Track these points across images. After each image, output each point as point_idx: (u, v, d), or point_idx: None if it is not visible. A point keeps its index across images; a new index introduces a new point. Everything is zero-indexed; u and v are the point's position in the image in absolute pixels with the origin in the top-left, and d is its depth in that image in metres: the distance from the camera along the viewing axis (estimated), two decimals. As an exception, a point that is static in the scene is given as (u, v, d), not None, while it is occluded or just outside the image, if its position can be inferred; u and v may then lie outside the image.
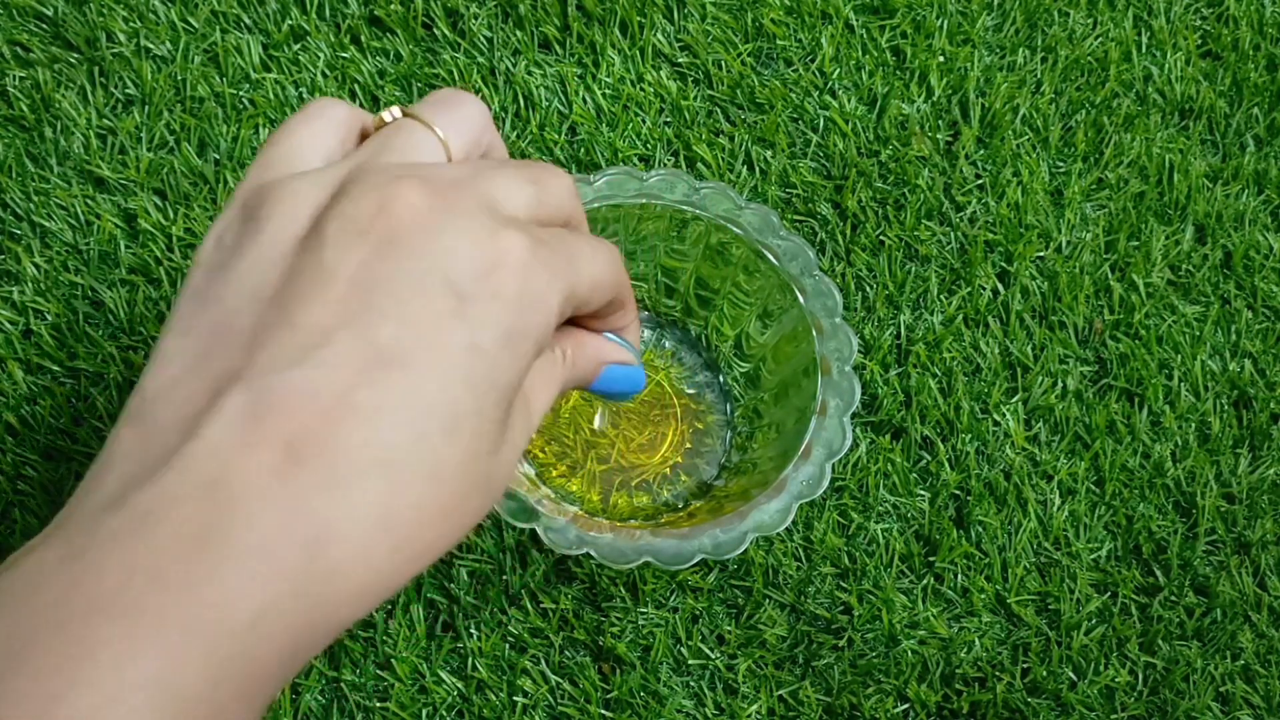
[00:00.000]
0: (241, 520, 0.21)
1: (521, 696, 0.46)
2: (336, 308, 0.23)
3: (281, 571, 0.21)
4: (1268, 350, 0.56)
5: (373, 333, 0.23)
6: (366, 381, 0.22)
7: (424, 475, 0.23)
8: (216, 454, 0.21)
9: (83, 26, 0.56)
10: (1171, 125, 0.61)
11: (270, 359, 0.22)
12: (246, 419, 0.21)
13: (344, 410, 0.22)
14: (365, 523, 0.22)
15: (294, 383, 0.22)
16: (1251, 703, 0.49)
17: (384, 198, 0.24)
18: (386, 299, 0.23)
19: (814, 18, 0.60)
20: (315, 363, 0.22)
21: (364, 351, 0.22)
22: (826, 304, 0.44)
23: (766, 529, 0.40)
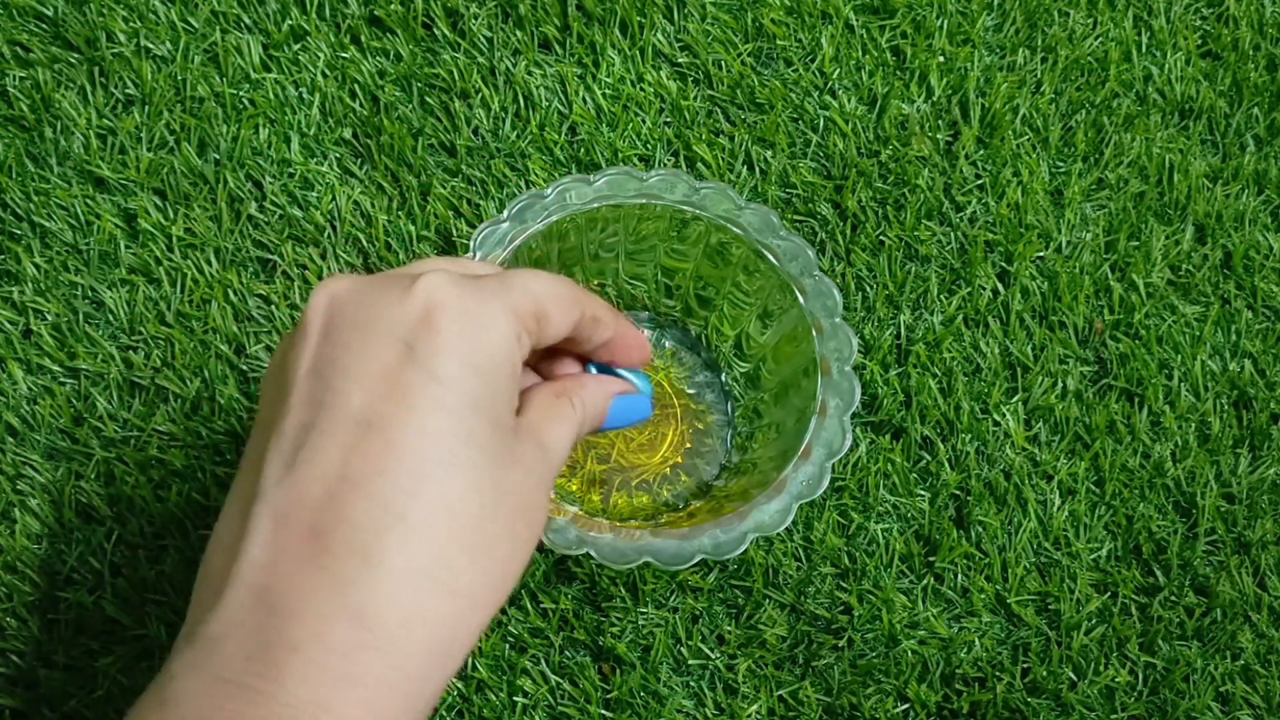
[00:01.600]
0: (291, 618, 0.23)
1: (521, 696, 0.46)
2: (306, 403, 0.25)
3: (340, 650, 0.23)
4: (1268, 350, 0.56)
5: (344, 410, 0.24)
6: (354, 453, 0.24)
7: (439, 513, 0.24)
8: (256, 566, 0.23)
9: (83, 26, 0.56)
10: (1171, 125, 0.61)
11: (274, 471, 0.24)
12: (273, 528, 0.24)
13: (345, 487, 0.24)
14: (401, 579, 0.23)
15: (296, 482, 0.24)
16: (1251, 703, 0.49)
17: (313, 303, 0.26)
18: (343, 375, 0.25)
19: (814, 18, 0.60)
20: (306, 457, 0.24)
21: (342, 428, 0.24)
22: (826, 304, 0.44)
23: (766, 529, 0.40)
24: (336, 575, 0.23)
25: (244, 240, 0.53)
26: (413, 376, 0.25)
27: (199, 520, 0.48)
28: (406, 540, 0.24)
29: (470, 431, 0.25)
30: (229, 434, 0.50)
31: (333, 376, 0.25)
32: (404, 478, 0.24)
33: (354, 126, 0.56)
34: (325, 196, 0.54)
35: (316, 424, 0.24)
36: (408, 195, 0.54)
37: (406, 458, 0.24)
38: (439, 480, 0.24)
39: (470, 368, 0.25)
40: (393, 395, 0.24)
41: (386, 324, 0.25)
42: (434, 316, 0.25)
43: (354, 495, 0.24)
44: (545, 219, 0.43)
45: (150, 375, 0.50)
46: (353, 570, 0.23)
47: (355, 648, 0.23)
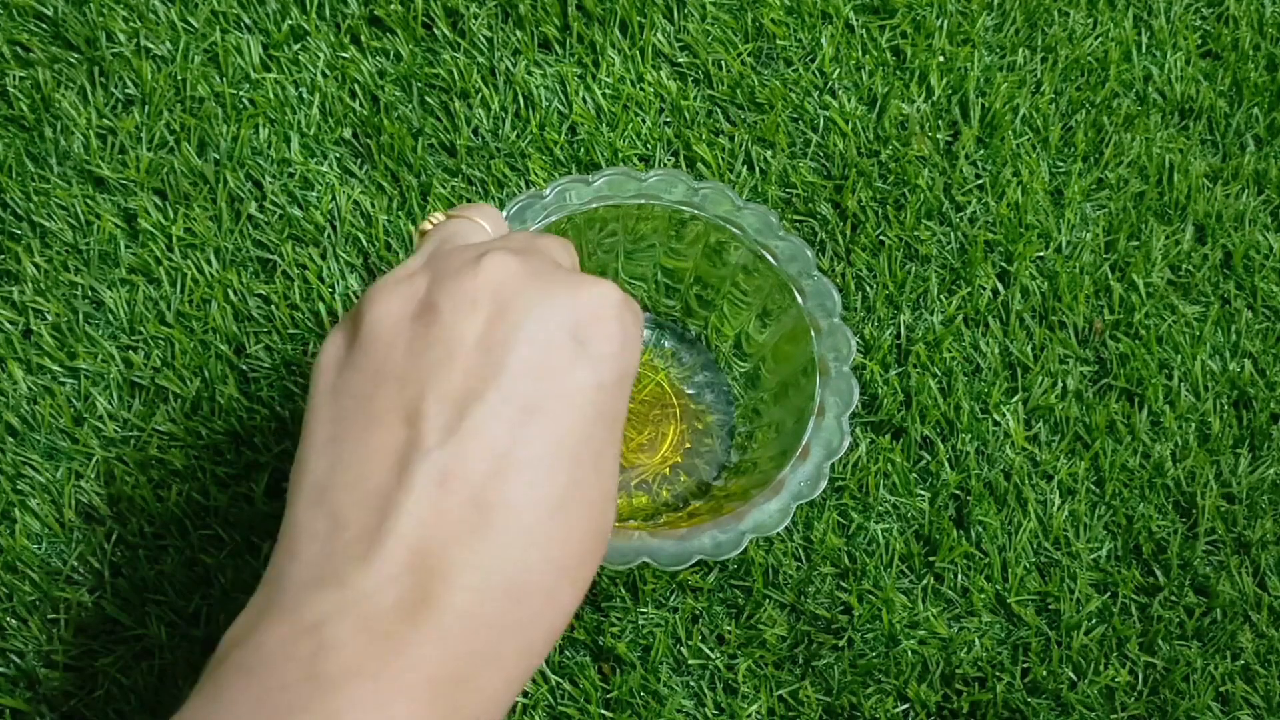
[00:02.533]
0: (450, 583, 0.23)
1: (521, 696, 0.46)
2: (474, 373, 0.25)
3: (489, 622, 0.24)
4: (1268, 350, 0.56)
5: (511, 389, 0.25)
6: (518, 436, 0.25)
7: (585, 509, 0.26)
8: (416, 524, 0.24)
9: (83, 26, 0.56)
10: (1171, 125, 0.60)
11: (436, 432, 0.25)
12: (435, 489, 0.24)
13: (509, 465, 0.25)
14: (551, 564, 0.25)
15: (464, 450, 0.25)
16: (1251, 703, 0.49)
17: (481, 270, 0.27)
18: (515, 357, 0.26)
19: (814, 18, 0.60)
20: (473, 427, 0.25)
21: (509, 408, 0.25)
22: (825, 304, 0.44)
23: (765, 529, 0.40)
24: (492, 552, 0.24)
25: (244, 240, 0.53)
26: (581, 376, 0.26)
27: (199, 520, 0.48)
28: (555, 528, 0.25)
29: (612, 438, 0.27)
30: (229, 434, 0.50)
31: (505, 355, 0.26)
32: (559, 472, 0.25)
33: (354, 126, 0.56)
34: (325, 196, 0.54)
35: (485, 397, 0.25)
36: (408, 195, 0.54)
37: (563, 452, 0.25)
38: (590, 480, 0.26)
39: (624, 381, 0.27)
40: (559, 389, 0.26)
41: (560, 317, 0.26)
42: (605, 321, 0.27)
43: (518, 478, 0.25)
44: (544, 219, 0.43)
45: (150, 375, 0.50)
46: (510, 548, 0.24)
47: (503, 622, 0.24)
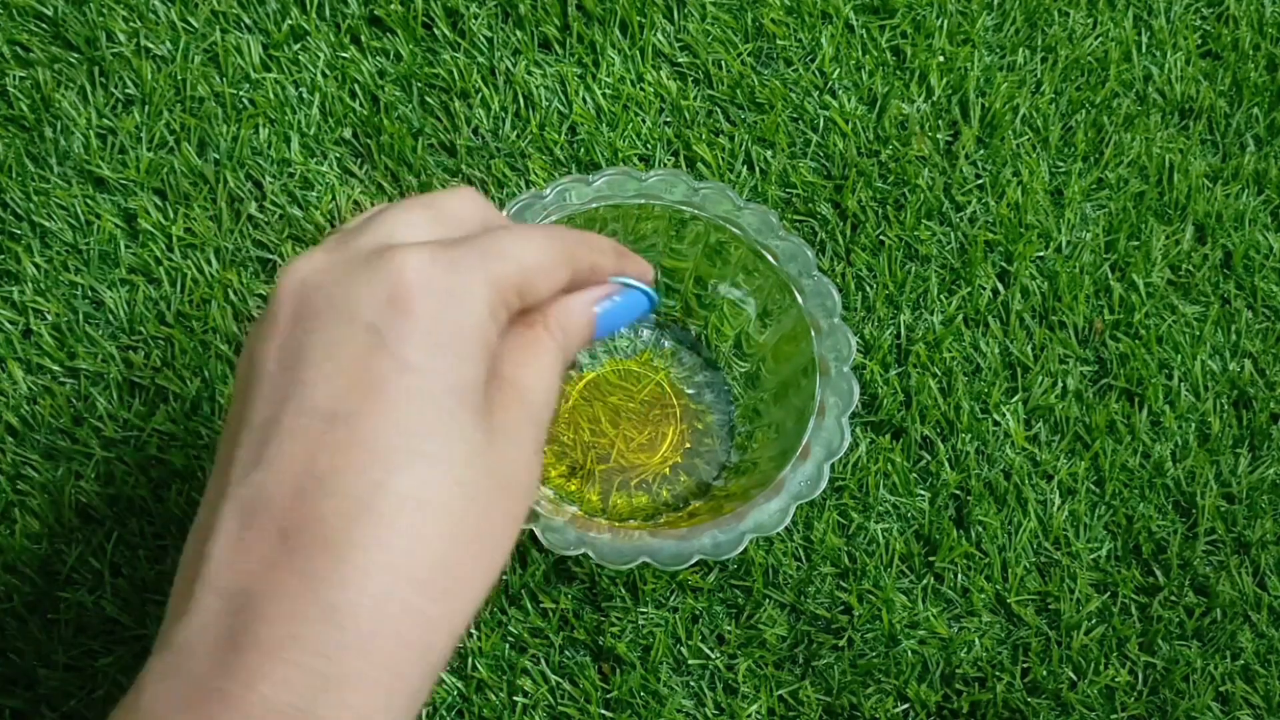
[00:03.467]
0: (260, 620, 0.22)
1: (521, 696, 0.46)
2: (273, 397, 0.24)
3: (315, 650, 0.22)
4: (1268, 350, 0.56)
5: (310, 403, 0.23)
6: (320, 448, 0.23)
7: (412, 505, 0.23)
8: (223, 567, 0.22)
9: (83, 26, 0.56)
10: (1171, 125, 0.61)
11: (241, 467, 0.24)
12: (238, 528, 0.23)
13: (312, 483, 0.23)
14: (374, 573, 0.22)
15: (263, 480, 0.23)
16: (1251, 703, 0.49)
17: (282, 285, 0.25)
18: (310, 365, 0.24)
19: (814, 18, 0.60)
20: (272, 454, 0.23)
21: (308, 422, 0.23)
22: (825, 304, 0.44)
23: (765, 529, 0.40)
24: (307, 573, 0.22)
25: (244, 240, 0.53)
26: (381, 365, 0.23)
27: (199, 520, 0.48)
28: (378, 533, 0.22)
29: (442, 418, 0.24)
30: (229, 434, 0.50)
31: (299, 368, 0.24)
32: (373, 469, 0.23)
33: (354, 126, 0.56)
34: (325, 196, 0.54)
35: (282, 420, 0.23)
36: (408, 195, 0.54)
37: (376, 450, 0.23)
38: (411, 471, 0.23)
39: (441, 351, 0.24)
40: (359, 386, 0.23)
41: (354, 308, 0.24)
42: (403, 299, 0.24)
43: (321, 491, 0.23)
44: (544, 219, 0.43)
45: (150, 375, 0.50)
46: (323, 567, 0.22)
47: (333, 648, 0.22)
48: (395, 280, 0.24)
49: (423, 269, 0.24)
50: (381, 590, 0.22)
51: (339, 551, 0.22)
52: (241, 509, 0.23)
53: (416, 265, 0.24)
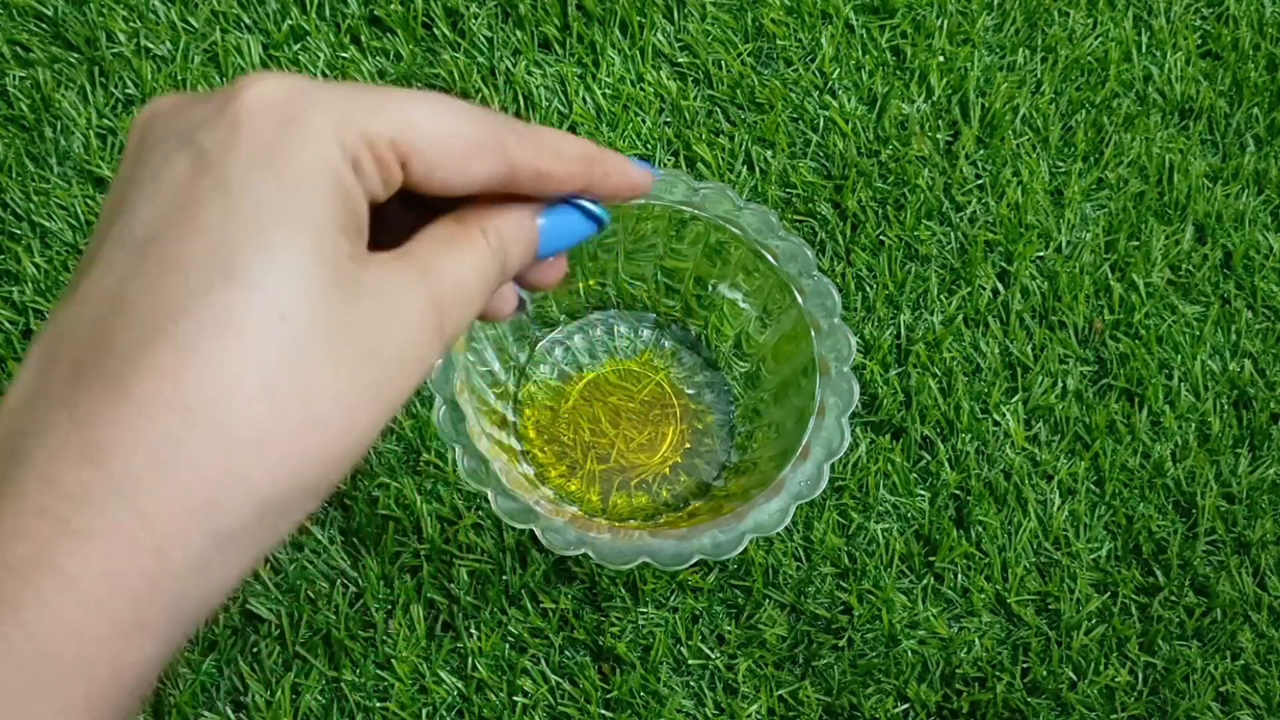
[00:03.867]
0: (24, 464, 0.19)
1: (521, 696, 0.46)
2: (99, 231, 0.22)
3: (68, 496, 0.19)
4: (1268, 350, 0.56)
5: (129, 228, 0.21)
6: (131, 273, 0.20)
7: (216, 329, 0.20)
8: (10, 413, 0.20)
9: (83, 26, 0.56)
10: (1171, 125, 0.60)
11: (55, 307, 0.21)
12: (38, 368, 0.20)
13: (112, 311, 0.20)
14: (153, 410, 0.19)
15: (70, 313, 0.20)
16: (1251, 703, 0.49)
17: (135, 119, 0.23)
18: (135, 190, 0.21)
19: (814, 18, 0.60)
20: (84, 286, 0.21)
21: (123, 250, 0.21)
22: (825, 304, 0.44)
23: (765, 529, 0.40)
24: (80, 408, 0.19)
25: (244, 240, 0.53)
26: (200, 183, 0.21)
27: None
28: (169, 364, 0.19)
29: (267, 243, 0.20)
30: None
31: (127, 196, 0.21)
32: (175, 291, 0.20)
33: (354, 126, 0.56)
34: (325, 196, 0.54)
35: (101, 250, 0.21)
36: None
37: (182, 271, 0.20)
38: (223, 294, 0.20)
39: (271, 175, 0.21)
40: (178, 207, 0.21)
41: (188, 131, 0.21)
42: (234, 116, 0.21)
43: (119, 319, 0.20)
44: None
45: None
46: (98, 401, 0.19)
47: (90, 492, 0.19)
48: (232, 100, 0.21)
49: (264, 91, 0.22)
50: (158, 432, 0.19)
51: (120, 384, 0.19)
52: (43, 348, 0.20)
53: (259, 87, 0.22)
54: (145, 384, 0.19)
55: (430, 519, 0.48)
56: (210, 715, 0.45)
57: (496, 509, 0.39)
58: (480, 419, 0.43)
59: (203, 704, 0.45)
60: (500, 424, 0.47)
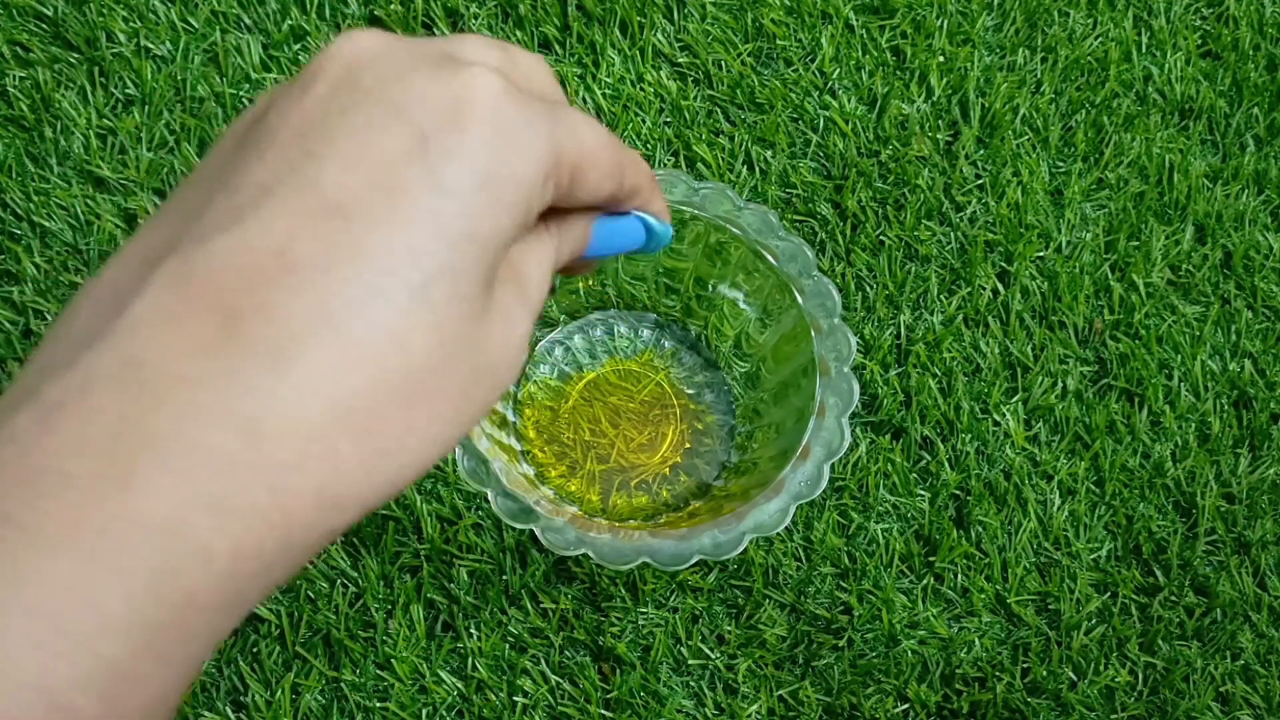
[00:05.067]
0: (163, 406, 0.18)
1: (521, 696, 0.46)
2: (277, 163, 0.20)
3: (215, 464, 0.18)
4: (1268, 350, 0.56)
5: (314, 180, 0.19)
6: (307, 234, 0.19)
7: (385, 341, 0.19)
8: (138, 331, 0.18)
9: (83, 26, 0.56)
10: (1171, 125, 0.60)
11: (204, 226, 0.19)
12: (174, 290, 0.18)
13: (280, 269, 0.19)
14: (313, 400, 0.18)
15: (226, 245, 0.19)
16: (1251, 703, 0.49)
17: (331, 51, 0.21)
18: (331, 143, 0.20)
19: (814, 18, 0.60)
20: (250, 221, 0.19)
21: (304, 202, 0.19)
22: (825, 304, 0.44)
23: (765, 529, 0.40)
24: (236, 370, 0.18)
25: (244, 240, 0.53)
26: (413, 174, 0.20)
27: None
28: (335, 358, 0.19)
29: (456, 265, 0.20)
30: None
31: (318, 141, 0.20)
32: (356, 285, 0.19)
33: (354, 126, 0.56)
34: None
35: (276, 190, 0.19)
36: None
37: (368, 263, 0.19)
38: (399, 304, 0.19)
39: (486, 189, 0.20)
40: (380, 188, 0.19)
41: (406, 101, 0.20)
42: (466, 114, 0.20)
43: (288, 282, 0.19)
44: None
45: (150, 375, 0.50)
46: (258, 371, 0.18)
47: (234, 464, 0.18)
48: (464, 91, 0.20)
49: (496, 94, 0.21)
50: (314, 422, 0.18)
51: (284, 361, 0.18)
52: (186, 269, 0.19)
53: (491, 86, 0.21)
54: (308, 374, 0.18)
55: (430, 519, 0.48)
56: (210, 715, 0.45)
57: (496, 509, 0.39)
58: (480, 419, 0.43)
59: (203, 704, 0.45)
60: (500, 424, 0.47)
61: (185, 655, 0.18)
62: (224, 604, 0.18)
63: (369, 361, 0.19)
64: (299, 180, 0.19)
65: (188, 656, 0.18)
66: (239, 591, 0.18)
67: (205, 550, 0.17)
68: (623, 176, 0.25)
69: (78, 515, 0.16)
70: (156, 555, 0.17)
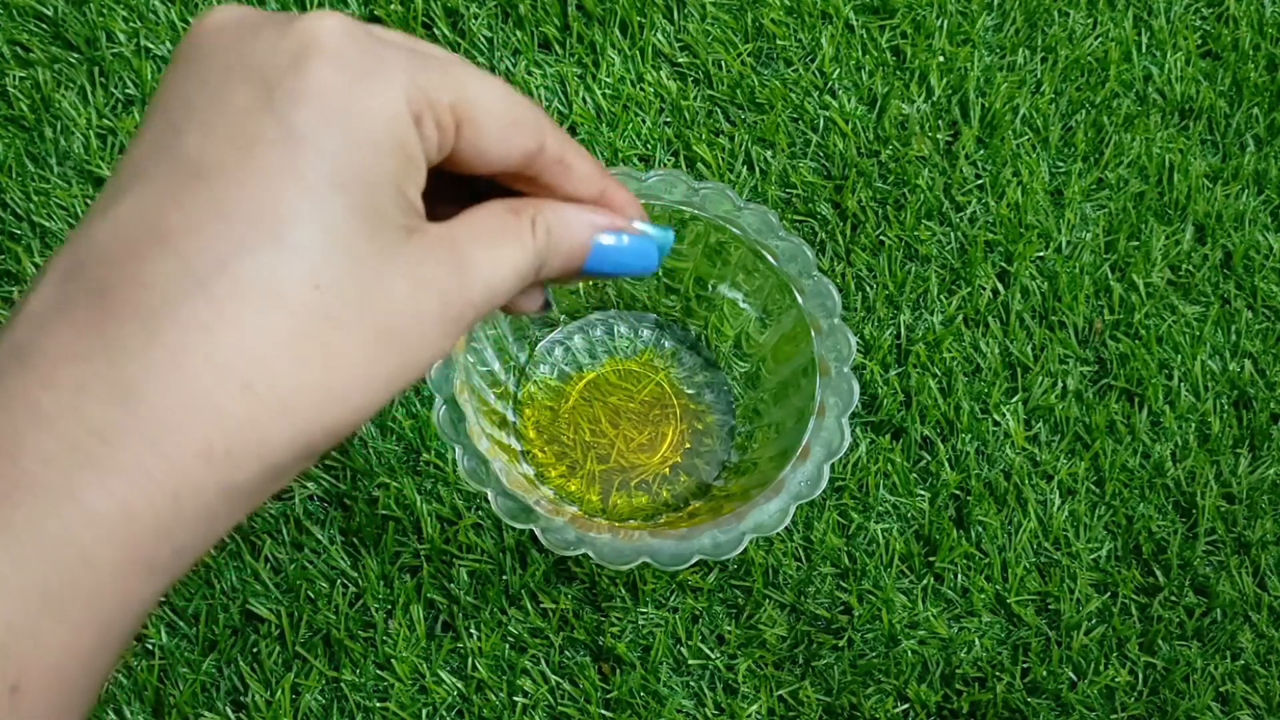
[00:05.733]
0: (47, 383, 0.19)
1: (521, 696, 0.46)
2: (147, 143, 0.21)
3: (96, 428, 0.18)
4: (1268, 350, 0.56)
5: (178, 151, 0.20)
6: (173, 203, 0.20)
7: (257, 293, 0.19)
8: (27, 321, 0.19)
9: (83, 26, 0.56)
10: (1171, 125, 0.61)
11: (88, 215, 0.20)
12: (59, 281, 0.20)
13: (151, 240, 0.19)
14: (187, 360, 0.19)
15: (103, 228, 0.20)
16: (1251, 703, 0.49)
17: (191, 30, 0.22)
18: (190, 114, 0.20)
19: (814, 18, 0.60)
20: (124, 200, 0.20)
21: (171, 173, 0.20)
22: (825, 304, 0.44)
23: (765, 529, 0.40)
24: (112, 342, 0.19)
25: (244, 240, 0.53)
26: (263, 124, 0.20)
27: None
28: (206, 316, 0.19)
29: (319, 207, 0.20)
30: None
31: (179, 115, 0.21)
32: (220, 241, 0.19)
33: (354, 126, 0.56)
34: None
35: (144, 167, 0.20)
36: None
37: (232, 219, 0.19)
38: (264, 255, 0.19)
39: (339, 130, 0.20)
40: (235, 144, 0.20)
41: (251, 59, 0.21)
42: (306, 58, 0.20)
43: (156, 251, 0.19)
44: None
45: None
46: (131, 339, 0.19)
47: (116, 430, 0.18)
48: (303, 37, 0.21)
49: (338, 34, 0.21)
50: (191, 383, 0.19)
51: (155, 325, 0.19)
52: (70, 260, 0.20)
53: (332, 28, 0.21)
54: (180, 333, 0.19)
55: (430, 519, 0.48)
56: (210, 715, 0.45)
57: (496, 509, 0.39)
58: (480, 419, 0.43)
59: (203, 704, 0.45)
60: (500, 424, 0.47)
61: (91, 617, 0.18)
62: (126, 565, 0.19)
63: (242, 316, 0.19)
64: (165, 154, 0.20)
65: (95, 618, 0.18)
66: (142, 550, 0.19)
67: (91, 511, 0.18)
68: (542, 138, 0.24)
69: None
70: (42, 519, 0.18)
